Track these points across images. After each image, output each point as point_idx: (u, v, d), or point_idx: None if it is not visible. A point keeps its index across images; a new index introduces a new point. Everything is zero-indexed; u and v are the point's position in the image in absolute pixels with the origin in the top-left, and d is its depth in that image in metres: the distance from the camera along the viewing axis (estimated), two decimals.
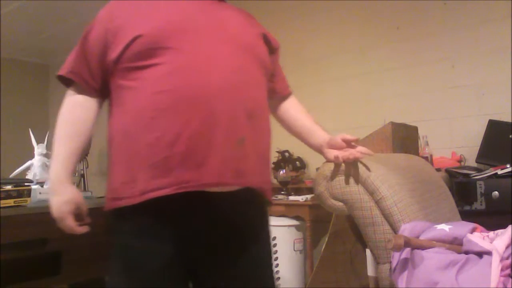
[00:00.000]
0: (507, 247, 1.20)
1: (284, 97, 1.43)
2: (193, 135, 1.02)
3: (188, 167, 1.02)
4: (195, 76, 1.05)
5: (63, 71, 1.19)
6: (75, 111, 1.18)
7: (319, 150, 1.38)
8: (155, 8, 1.13)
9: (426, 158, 2.47)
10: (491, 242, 1.25)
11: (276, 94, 1.38)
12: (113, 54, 1.10)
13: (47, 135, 2.48)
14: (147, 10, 1.13)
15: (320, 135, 1.37)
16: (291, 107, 1.42)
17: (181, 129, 1.02)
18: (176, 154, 1.02)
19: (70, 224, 1.13)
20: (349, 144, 1.33)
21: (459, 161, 2.72)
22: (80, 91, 1.18)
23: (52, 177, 1.14)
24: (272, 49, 1.31)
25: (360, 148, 1.32)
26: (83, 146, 1.18)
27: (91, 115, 1.19)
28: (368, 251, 1.57)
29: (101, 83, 1.16)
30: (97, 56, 1.13)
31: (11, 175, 2.29)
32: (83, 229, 1.14)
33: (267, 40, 1.28)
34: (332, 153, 1.32)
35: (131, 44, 1.07)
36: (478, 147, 2.51)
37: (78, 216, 1.14)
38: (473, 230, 1.37)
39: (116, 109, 1.12)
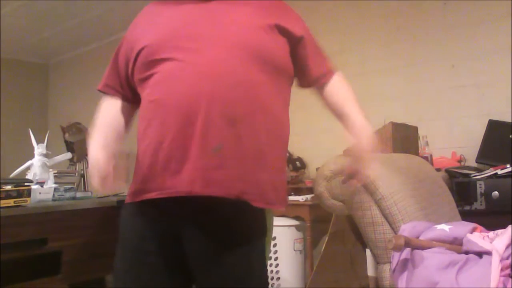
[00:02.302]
0: (507, 247, 1.20)
1: (322, 86, 1.32)
2: (171, 143, 1.07)
3: (167, 174, 1.08)
4: (177, 85, 1.08)
5: (100, 85, 1.32)
6: (110, 107, 1.29)
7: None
8: (160, 17, 1.19)
9: (426, 158, 2.47)
10: (491, 242, 1.25)
11: (311, 84, 1.31)
12: (130, 67, 1.20)
13: (47, 135, 2.48)
14: (154, 21, 1.20)
15: (348, 132, 1.26)
16: (332, 95, 1.31)
17: (163, 137, 1.08)
18: (159, 162, 1.08)
19: (109, 180, 1.13)
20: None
21: (459, 161, 2.72)
22: (114, 98, 1.30)
23: (91, 142, 1.19)
24: (294, 39, 1.23)
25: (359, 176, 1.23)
26: (119, 135, 1.26)
27: (124, 114, 1.29)
28: (368, 251, 1.57)
29: (133, 93, 1.26)
30: (123, 71, 1.25)
31: (11, 175, 2.29)
32: (118, 186, 1.16)
33: (284, 31, 1.20)
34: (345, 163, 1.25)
35: (138, 56, 1.16)
36: (478, 147, 2.51)
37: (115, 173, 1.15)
38: (473, 230, 1.37)
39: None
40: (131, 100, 1.29)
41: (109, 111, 1.29)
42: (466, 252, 1.28)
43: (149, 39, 1.15)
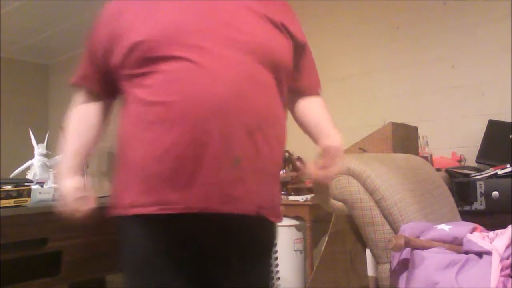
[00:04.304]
0: (507, 247, 1.19)
1: (305, 97, 1.26)
2: (181, 153, 0.95)
3: (173, 188, 0.96)
4: (190, 88, 0.97)
5: (75, 77, 1.19)
6: (83, 110, 1.19)
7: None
8: (159, 8, 1.04)
9: (426, 158, 2.47)
10: (491, 242, 1.25)
11: (301, 94, 1.24)
12: (115, 60, 1.05)
13: (47, 135, 2.47)
14: (149, 10, 1.04)
15: (323, 136, 1.18)
16: (312, 107, 1.25)
17: (170, 145, 0.96)
18: (163, 172, 0.97)
19: (75, 206, 1.12)
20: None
21: (459, 161, 2.72)
22: (88, 92, 1.19)
23: (61, 168, 1.18)
24: (298, 45, 1.16)
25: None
26: (93, 141, 1.19)
27: (98, 114, 1.19)
28: (368, 251, 1.57)
29: (109, 85, 1.14)
30: (101, 60, 1.10)
31: (11, 175, 2.28)
32: (86, 209, 1.14)
33: (290, 33, 1.12)
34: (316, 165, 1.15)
35: (132, 50, 1.01)
36: (478, 147, 2.51)
37: (83, 201, 1.15)
38: (473, 230, 1.37)
39: (122, 113, 1.10)
40: (107, 94, 1.17)
41: (82, 116, 1.18)
42: (466, 252, 1.27)
43: (147, 32, 1.00)
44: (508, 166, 2.19)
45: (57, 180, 1.20)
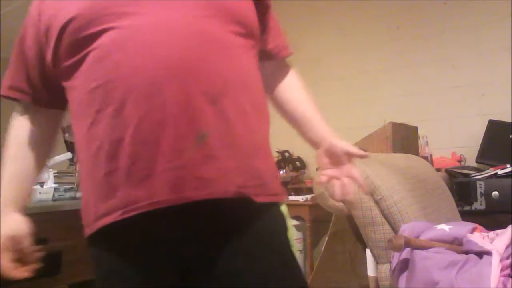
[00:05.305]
0: (507, 247, 1.20)
1: (280, 61, 1.11)
2: (136, 140, 0.77)
3: (134, 183, 0.78)
4: (127, 58, 0.79)
5: (2, 89, 0.99)
6: (19, 130, 1.00)
7: (315, 147, 1.06)
8: None
9: (426, 158, 2.47)
10: (491, 242, 1.25)
11: (269, 56, 1.06)
12: (49, 55, 0.88)
13: None
14: None
15: (319, 132, 1.05)
16: (289, 89, 1.10)
17: (120, 132, 0.78)
18: (119, 168, 0.78)
19: (4, 265, 0.91)
20: (349, 158, 0.98)
21: (459, 161, 2.72)
22: (27, 105, 1.00)
23: None
24: (261, 5, 0.99)
25: (358, 180, 0.96)
26: (35, 164, 0.99)
27: (42, 130, 1.00)
28: (368, 251, 1.57)
29: (51, 93, 0.96)
30: (35, 63, 0.93)
31: None
32: (22, 273, 0.94)
33: None
34: (324, 167, 0.99)
35: (62, 35, 0.84)
36: (478, 147, 2.51)
37: (20, 254, 0.95)
38: (473, 230, 1.37)
39: (71, 119, 0.92)
40: (49, 103, 0.98)
41: (18, 134, 0.99)
42: (466, 252, 1.28)
43: (74, 10, 0.82)
44: (508, 166, 2.19)
45: None
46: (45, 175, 2.28)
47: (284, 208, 0.95)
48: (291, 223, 0.97)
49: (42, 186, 2.16)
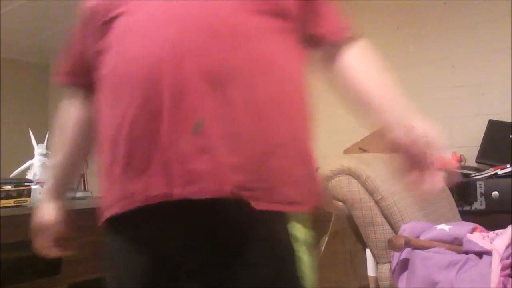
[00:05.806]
0: (507, 247, 1.20)
1: (335, 45, 0.96)
2: (133, 130, 0.73)
3: (131, 175, 0.73)
4: (130, 43, 0.76)
5: (59, 75, 1.01)
6: (64, 116, 1.02)
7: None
8: None
9: None
10: (491, 242, 1.25)
11: (320, 41, 0.94)
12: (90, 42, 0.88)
13: (47, 135, 2.47)
14: None
15: (384, 119, 0.92)
16: (352, 67, 0.97)
17: (120, 123, 0.74)
18: (119, 159, 0.75)
19: (41, 244, 1.01)
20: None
21: (459, 161, 2.72)
22: (79, 96, 1.01)
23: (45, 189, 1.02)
24: None
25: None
26: (79, 152, 1.02)
27: (84, 116, 0.99)
28: (368, 251, 1.57)
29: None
30: (88, 47, 0.90)
31: (11, 175, 2.29)
32: (56, 253, 1.01)
33: None
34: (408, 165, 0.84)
35: (90, 18, 0.85)
36: (478, 147, 2.51)
37: (58, 238, 1.02)
38: (473, 230, 1.37)
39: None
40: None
41: (65, 124, 1.01)
42: (466, 252, 1.28)
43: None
44: (508, 166, 2.19)
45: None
46: (45, 175, 2.28)
47: (299, 228, 0.78)
48: (306, 249, 0.79)
49: (42, 186, 2.16)
